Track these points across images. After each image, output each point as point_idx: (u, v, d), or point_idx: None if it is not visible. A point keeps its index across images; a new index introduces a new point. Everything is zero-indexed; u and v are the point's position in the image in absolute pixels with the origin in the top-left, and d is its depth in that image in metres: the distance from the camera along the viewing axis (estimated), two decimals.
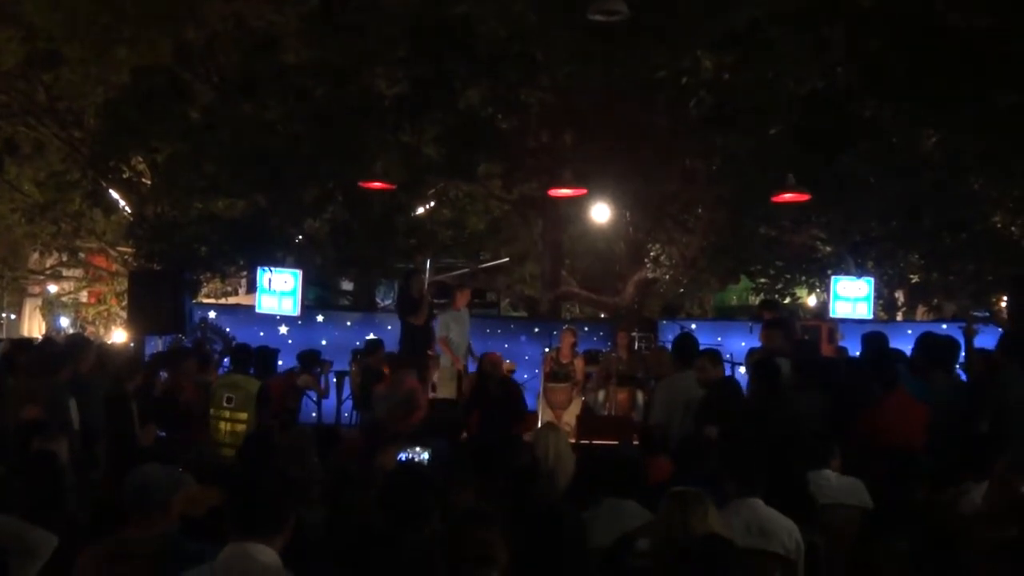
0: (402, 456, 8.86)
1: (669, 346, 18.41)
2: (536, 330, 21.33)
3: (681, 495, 6.36)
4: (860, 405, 10.05)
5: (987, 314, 20.03)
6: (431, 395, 16.33)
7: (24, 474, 6.83)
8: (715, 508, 6.37)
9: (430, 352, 17.23)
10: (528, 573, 5.41)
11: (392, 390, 14.34)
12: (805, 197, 17.69)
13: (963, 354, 11.75)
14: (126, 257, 25.62)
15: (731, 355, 17.05)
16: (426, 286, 17.59)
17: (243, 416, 12.52)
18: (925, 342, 10.96)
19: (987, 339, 14.09)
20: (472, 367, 17.69)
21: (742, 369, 16.38)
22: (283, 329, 19.82)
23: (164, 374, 13.84)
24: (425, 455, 8.93)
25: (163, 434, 11.97)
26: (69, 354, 11.46)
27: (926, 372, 10.57)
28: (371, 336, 18.67)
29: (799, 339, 14.95)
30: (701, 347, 12.30)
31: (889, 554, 6.67)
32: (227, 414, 12.58)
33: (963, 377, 11.90)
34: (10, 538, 6.11)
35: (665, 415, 11.24)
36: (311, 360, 15.63)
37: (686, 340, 12.42)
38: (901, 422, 9.59)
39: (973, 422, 9.75)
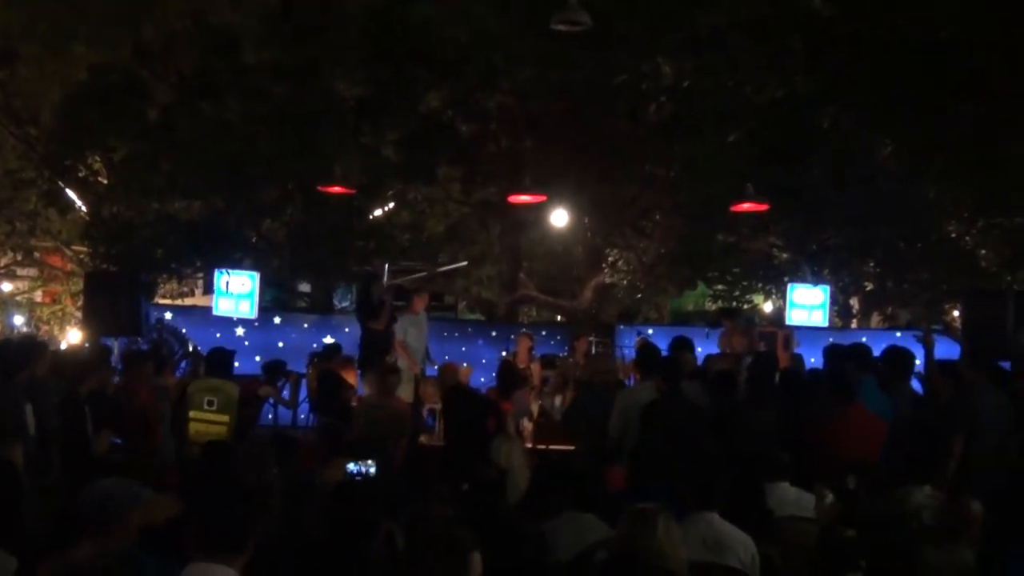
0: (352, 468, 8.75)
1: (625, 351, 18.60)
2: (493, 334, 21.34)
3: (641, 512, 6.36)
4: (816, 418, 10.08)
5: (941, 327, 20.17)
6: None
7: None
8: (675, 523, 6.37)
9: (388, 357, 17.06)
10: None
11: (381, 400, 14.23)
12: (763, 207, 17.78)
13: (920, 364, 11.79)
14: (82, 257, 25.43)
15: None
16: (385, 290, 17.51)
17: (224, 419, 12.56)
18: (890, 354, 11.05)
19: (941, 349, 14.16)
20: (430, 371, 17.65)
21: None
22: (240, 331, 19.64)
23: (116, 377, 13.65)
24: (372, 468, 8.83)
25: (117, 440, 11.84)
26: (25, 356, 11.30)
27: (889, 384, 10.63)
28: (329, 339, 18.60)
29: (757, 350, 14.98)
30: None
31: (844, 566, 6.67)
32: (209, 416, 12.56)
33: (916, 387, 11.92)
34: None
35: (622, 425, 11.20)
36: (276, 371, 15.49)
37: (647, 349, 12.41)
38: (858, 436, 9.63)
39: (940, 436, 9.81)
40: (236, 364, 15.70)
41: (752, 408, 10.63)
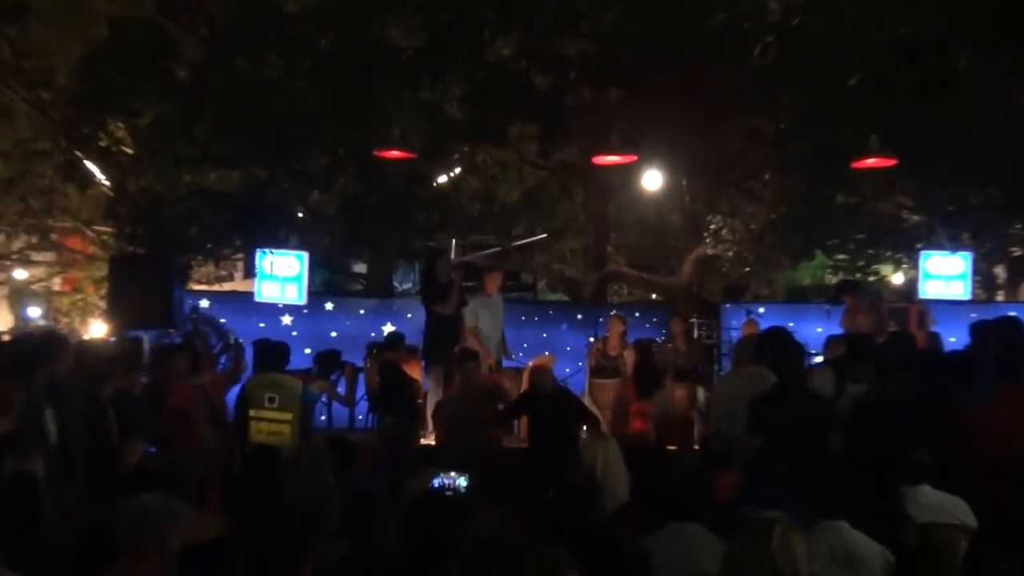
0: (436, 482, 8.71)
1: (732, 334, 18.48)
2: (579, 317, 21.35)
3: (755, 524, 6.28)
4: (966, 407, 9.86)
5: None
6: None
7: None
8: (797, 535, 6.28)
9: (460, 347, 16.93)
10: None
11: (467, 386, 14.44)
12: (890, 162, 17.55)
13: None
14: (105, 238, 25.60)
15: (806, 344, 16.78)
16: (453, 268, 17.48)
17: (287, 417, 13.01)
18: None
19: None
20: (507, 363, 17.65)
21: (817, 360, 16.26)
22: (286, 319, 19.82)
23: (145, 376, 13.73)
24: (462, 481, 8.77)
25: (151, 449, 11.91)
26: (44, 354, 11.38)
27: None
28: (389, 327, 18.70)
29: (887, 330, 14.85)
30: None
31: None
32: (269, 415, 12.94)
33: None
34: None
35: (725, 419, 11.06)
36: (329, 363, 15.53)
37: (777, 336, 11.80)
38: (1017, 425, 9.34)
39: None
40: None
41: (884, 397, 10.49)
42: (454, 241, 20.06)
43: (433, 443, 15.03)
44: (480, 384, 14.84)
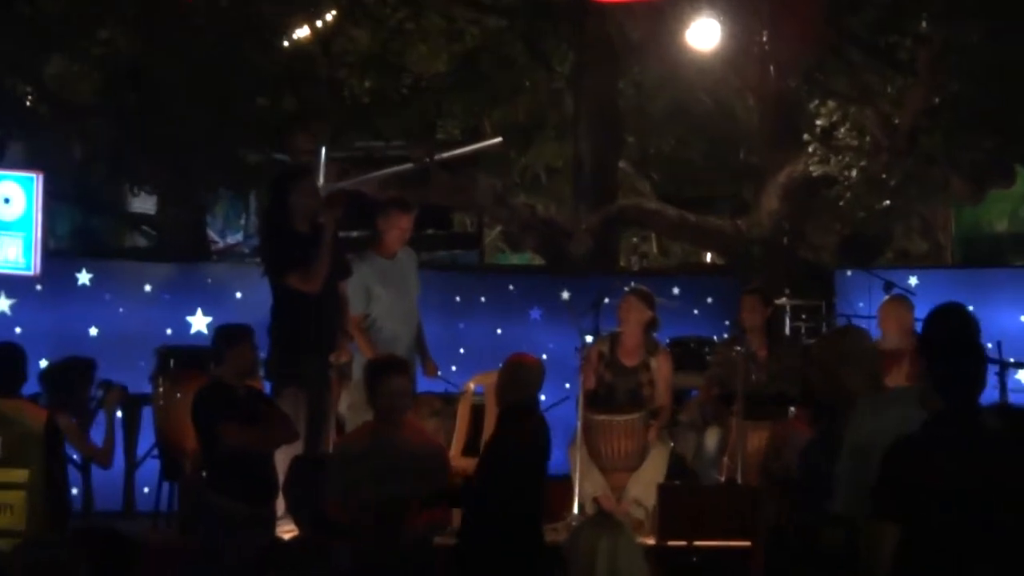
0: None
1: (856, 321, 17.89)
2: (565, 295, 21.03)
3: None
4: None
5: None
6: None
7: None
8: None
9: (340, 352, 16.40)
10: None
11: (385, 437, 13.65)
12: None
13: None
14: None
15: (998, 343, 16.61)
16: (323, 203, 16.72)
17: (18, 477, 13.00)
18: None
19: None
20: (427, 385, 16.89)
21: (1021, 375, 15.75)
22: (2, 304, 19.50)
23: None
24: None
25: None
26: None
27: None
28: (201, 317, 18.85)
29: None
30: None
31: None
32: None
33: None
34: None
35: (856, 481, 10.33)
36: (74, 383, 14.86)
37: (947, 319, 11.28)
38: None
39: None
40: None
41: None
42: (324, 151, 19.34)
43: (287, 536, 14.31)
44: (414, 438, 13.94)
